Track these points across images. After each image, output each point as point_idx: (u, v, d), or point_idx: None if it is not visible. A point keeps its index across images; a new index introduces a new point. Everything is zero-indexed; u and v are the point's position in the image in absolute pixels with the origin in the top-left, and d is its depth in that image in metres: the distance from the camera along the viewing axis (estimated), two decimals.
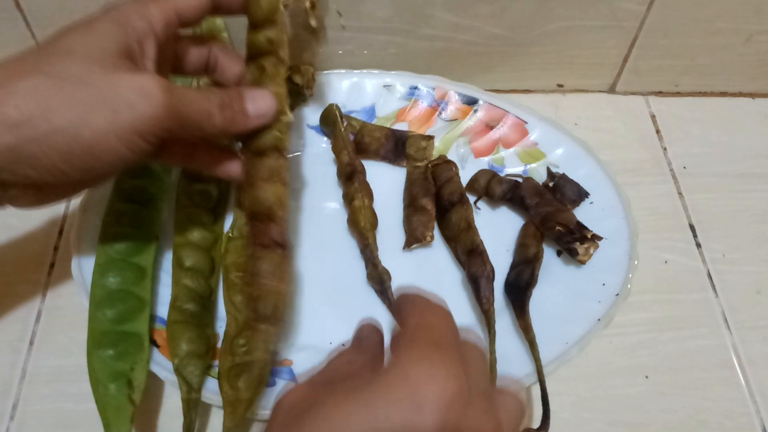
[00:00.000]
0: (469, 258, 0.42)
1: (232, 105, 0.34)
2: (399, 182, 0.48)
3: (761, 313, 0.45)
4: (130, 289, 0.39)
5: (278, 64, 0.37)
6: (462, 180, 0.47)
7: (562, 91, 0.56)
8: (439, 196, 0.46)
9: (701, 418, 0.40)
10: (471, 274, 0.41)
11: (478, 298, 0.40)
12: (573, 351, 0.40)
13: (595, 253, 0.42)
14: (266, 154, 0.36)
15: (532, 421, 0.39)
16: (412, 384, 0.23)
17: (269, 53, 0.37)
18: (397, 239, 0.45)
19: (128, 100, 0.29)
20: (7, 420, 0.38)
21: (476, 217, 0.45)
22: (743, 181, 0.51)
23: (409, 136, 0.48)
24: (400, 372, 0.23)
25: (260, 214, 0.36)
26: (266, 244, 0.36)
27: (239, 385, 0.36)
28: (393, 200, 0.47)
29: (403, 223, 0.46)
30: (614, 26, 0.50)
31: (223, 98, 0.34)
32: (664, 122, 0.54)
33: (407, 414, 0.22)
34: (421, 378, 0.23)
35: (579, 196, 0.46)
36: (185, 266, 0.40)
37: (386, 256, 0.43)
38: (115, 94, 0.29)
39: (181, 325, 0.38)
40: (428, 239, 0.44)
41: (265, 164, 0.36)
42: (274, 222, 0.36)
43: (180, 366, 0.37)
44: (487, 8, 0.48)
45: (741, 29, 0.51)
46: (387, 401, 0.22)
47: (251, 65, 0.37)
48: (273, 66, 0.37)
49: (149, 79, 0.30)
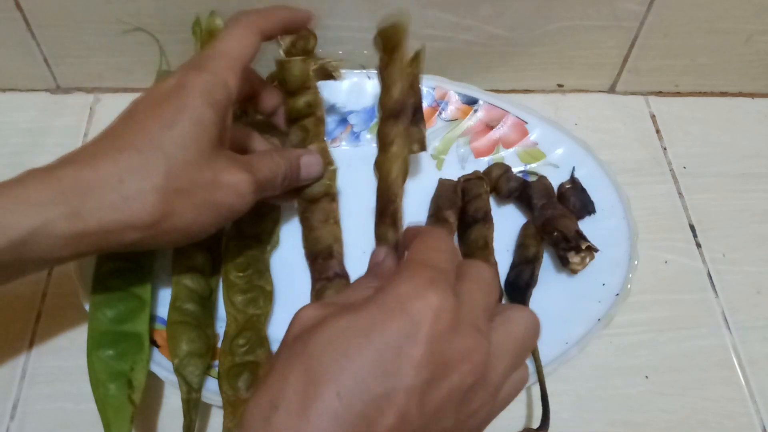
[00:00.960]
0: None
1: (292, 175, 0.39)
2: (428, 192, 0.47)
3: (761, 313, 0.45)
4: (130, 289, 0.39)
5: (318, 123, 0.43)
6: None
7: (562, 91, 0.56)
8: (464, 211, 0.45)
9: (701, 418, 0.40)
10: None
11: None
12: (573, 351, 0.40)
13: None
14: (319, 201, 0.42)
15: (532, 421, 0.39)
16: (402, 299, 0.24)
17: (309, 115, 0.43)
18: None
19: (229, 203, 0.35)
20: (7, 420, 0.38)
21: None
22: (743, 181, 0.51)
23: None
24: (391, 290, 0.25)
25: (321, 252, 0.41)
26: (330, 278, 0.41)
27: (239, 385, 0.36)
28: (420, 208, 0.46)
29: None
30: (614, 26, 0.50)
31: (286, 172, 0.39)
32: (664, 122, 0.54)
33: (397, 325, 0.24)
34: (409, 293, 0.25)
35: (583, 208, 0.45)
36: (185, 266, 0.40)
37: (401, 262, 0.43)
38: (219, 198, 0.35)
39: (181, 325, 0.38)
40: None
41: (320, 208, 0.42)
42: (333, 258, 0.41)
43: (180, 366, 0.37)
44: (487, 8, 0.48)
45: (741, 29, 0.51)
46: (381, 319, 0.24)
47: (295, 127, 0.43)
48: (314, 126, 0.43)
49: (242, 181, 0.35)
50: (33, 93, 0.53)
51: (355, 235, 0.43)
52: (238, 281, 0.40)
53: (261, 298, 0.40)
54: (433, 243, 0.28)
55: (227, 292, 0.40)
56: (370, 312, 0.24)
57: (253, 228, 0.43)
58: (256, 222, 0.43)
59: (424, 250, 0.28)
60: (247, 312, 0.40)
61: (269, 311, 0.40)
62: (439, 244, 0.28)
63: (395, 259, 0.34)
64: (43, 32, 0.49)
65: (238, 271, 0.41)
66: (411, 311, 0.24)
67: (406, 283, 0.25)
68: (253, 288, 0.40)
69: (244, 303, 0.40)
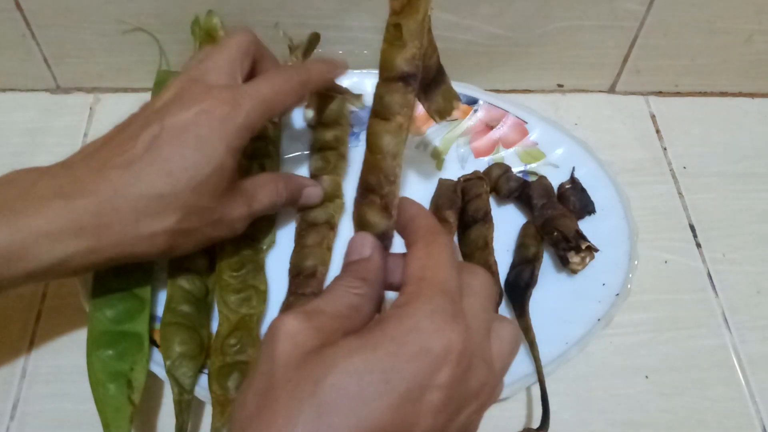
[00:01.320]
0: None
1: (291, 202, 0.41)
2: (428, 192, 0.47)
3: (761, 313, 0.45)
4: (130, 289, 0.39)
5: (340, 159, 0.45)
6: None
7: (562, 91, 0.56)
8: (464, 211, 0.45)
9: (701, 418, 0.40)
10: None
11: None
12: (573, 351, 0.40)
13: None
14: (319, 225, 0.43)
15: (532, 421, 0.39)
16: (423, 337, 0.23)
17: (333, 148, 0.45)
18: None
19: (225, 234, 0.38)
20: (7, 420, 0.38)
21: None
22: (743, 181, 0.51)
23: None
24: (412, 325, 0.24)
25: (305, 269, 0.41)
26: (306, 294, 0.40)
27: (228, 384, 0.36)
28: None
29: None
30: (614, 26, 0.50)
31: (287, 201, 0.41)
32: (664, 122, 0.54)
33: (419, 367, 0.23)
34: (429, 329, 0.24)
35: (583, 208, 0.45)
36: (181, 267, 0.40)
37: None
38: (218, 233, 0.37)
39: (174, 326, 0.38)
40: None
41: (317, 231, 0.43)
42: (315, 278, 0.41)
43: (172, 367, 0.37)
44: (487, 8, 0.48)
45: (741, 29, 0.51)
46: (401, 361, 0.23)
47: (317, 156, 0.45)
48: (335, 159, 0.45)
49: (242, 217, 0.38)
50: (33, 93, 0.53)
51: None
52: (232, 281, 0.40)
53: (254, 298, 0.40)
54: (441, 255, 0.27)
55: (220, 292, 0.40)
56: (387, 350, 0.23)
57: (249, 227, 0.43)
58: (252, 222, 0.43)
59: (434, 266, 0.26)
60: (239, 312, 0.39)
61: (263, 311, 0.40)
62: (447, 257, 0.27)
63: (383, 256, 0.30)
64: (43, 32, 0.49)
65: (232, 271, 0.41)
66: (432, 352, 0.23)
67: (425, 317, 0.24)
68: (246, 288, 0.40)
69: (237, 303, 0.40)
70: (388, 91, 0.32)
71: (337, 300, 0.27)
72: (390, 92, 0.32)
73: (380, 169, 0.32)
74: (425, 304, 0.24)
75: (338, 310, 0.26)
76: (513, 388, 0.39)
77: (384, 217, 0.31)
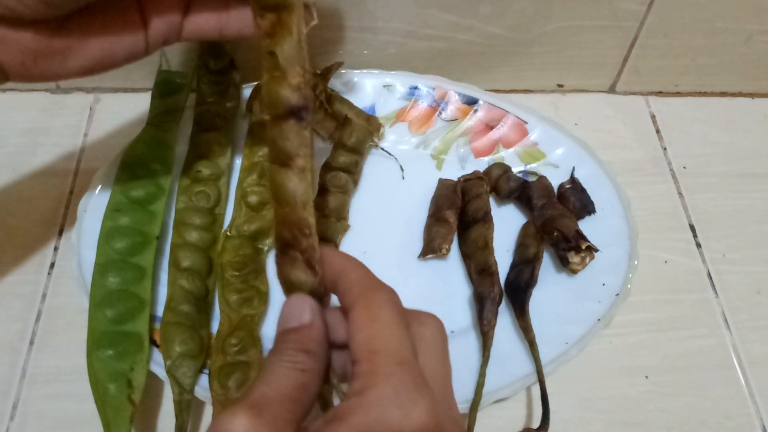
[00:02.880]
0: (480, 277, 0.41)
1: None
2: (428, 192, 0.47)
3: (761, 313, 0.45)
4: (130, 289, 0.39)
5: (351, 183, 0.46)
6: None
7: (562, 91, 0.56)
8: (464, 211, 0.45)
9: (701, 418, 0.40)
10: (478, 294, 0.41)
11: (480, 318, 0.40)
12: (573, 351, 0.40)
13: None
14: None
15: (532, 421, 0.39)
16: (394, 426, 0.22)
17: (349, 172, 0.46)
18: (416, 246, 0.45)
19: None
20: (7, 420, 0.38)
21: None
22: (743, 181, 0.51)
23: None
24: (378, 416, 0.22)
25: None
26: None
27: (229, 384, 0.36)
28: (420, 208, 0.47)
29: (423, 231, 0.46)
30: (614, 26, 0.50)
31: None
32: (664, 122, 0.54)
33: None
34: (399, 419, 0.22)
35: (583, 208, 0.45)
36: (182, 267, 0.40)
37: (401, 262, 0.44)
38: None
39: (175, 326, 0.38)
40: (443, 251, 0.43)
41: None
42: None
43: (172, 367, 0.37)
44: (487, 8, 0.48)
45: (741, 29, 0.51)
46: None
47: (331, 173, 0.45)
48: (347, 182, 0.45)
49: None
50: (33, 93, 0.53)
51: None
52: (234, 280, 0.40)
53: (256, 299, 0.40)
54: (386, 317, 0.24)
55: (222, 291, 0.40)
56: None
57: (251, 227, 0.43)
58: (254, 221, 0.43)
59: (382, 334, 0.24)
60: (241, 311, 0.39)
61: (264, 312, 0.40)
62: (392, 317, 0.24)
63: (322, 318, 0.27)
64: None
65: (234, 270, 0.41)
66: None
67: (390, 402, 0.22)
68: (248, 288, 0.40)
69: (238, 302, 0.40)
70: (280, 134, 0.28)
71: (282, 382, 0.24)
72: (283, 134, 0.28)
73: (292, 223, 0.28)
74: (385, 385, 0.22)
75: (286, 394, 0.23)
76: (513, 388, 0.39)
77: (311, 274, 0.28)
